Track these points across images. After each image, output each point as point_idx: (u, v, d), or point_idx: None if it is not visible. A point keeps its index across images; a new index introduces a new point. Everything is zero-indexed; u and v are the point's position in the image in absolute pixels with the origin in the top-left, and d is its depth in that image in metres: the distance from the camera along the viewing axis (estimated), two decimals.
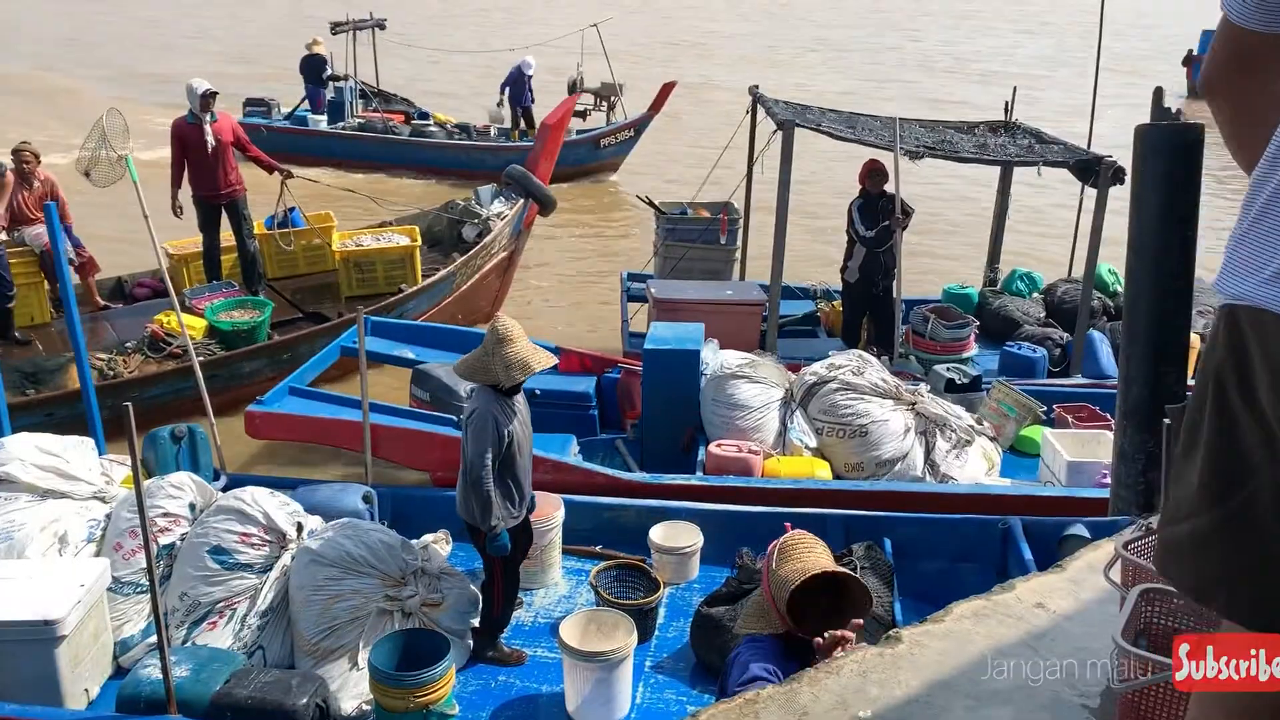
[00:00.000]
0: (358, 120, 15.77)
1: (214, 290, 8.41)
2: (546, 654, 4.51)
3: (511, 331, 4.11)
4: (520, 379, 4.06)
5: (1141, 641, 2.06)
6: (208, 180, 8.34)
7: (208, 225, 8.56)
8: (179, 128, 8.36)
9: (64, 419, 6.25)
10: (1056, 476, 5.86)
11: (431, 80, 22.40)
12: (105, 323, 8.26)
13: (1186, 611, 2.11)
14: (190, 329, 7.31)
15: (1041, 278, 9.01)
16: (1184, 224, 3.76)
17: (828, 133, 7.54)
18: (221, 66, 22.29)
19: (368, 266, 8.89)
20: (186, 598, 4.15)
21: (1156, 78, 7.71)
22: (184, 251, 8.88)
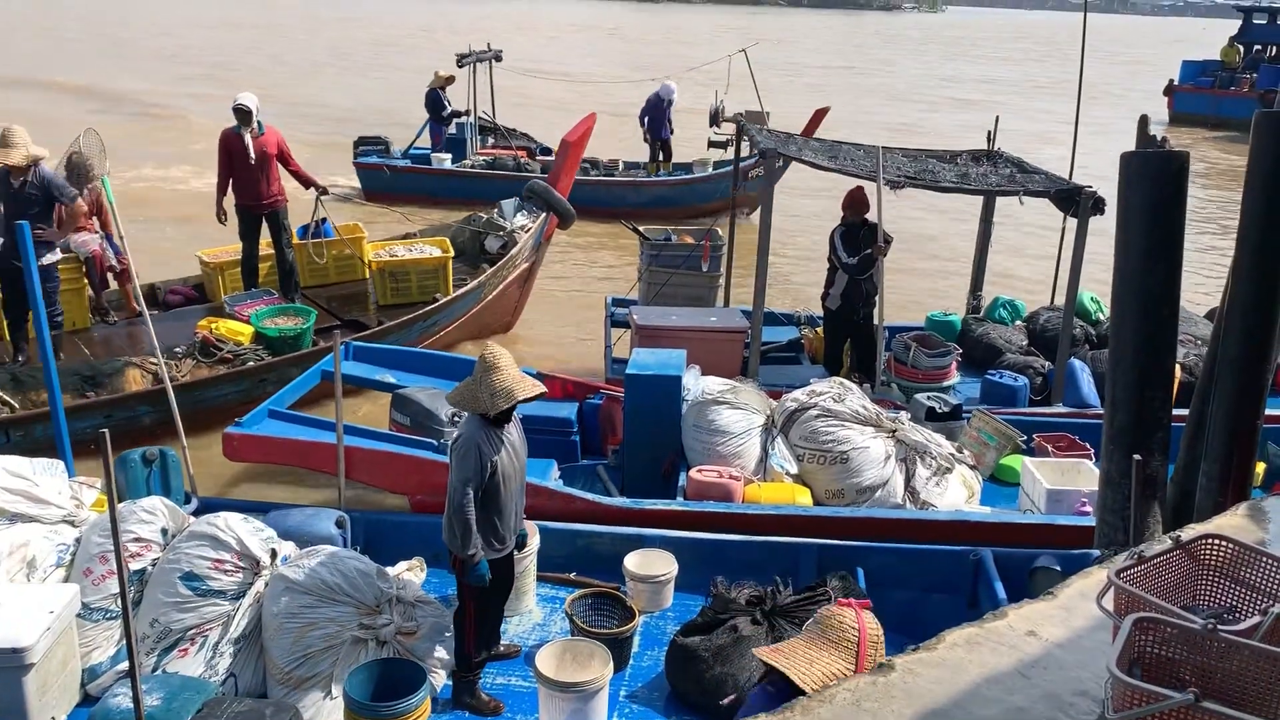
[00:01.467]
0: (483, 158, 15.01)
1: (254, 298, 8.60)
2: (521, 683, 4.43)
3: (499, 360, 4.06)
4: (504, 406, 4.00)
5: (1136, 671, 2.02)
6: (249, 190, 8.62)
7: (248, 234, 8.81)
8: (226, 138, 8.63)
9: (121, 420, 6.43)
10: (1036, 505, 5.87)
11: (538, 113, 21.48)
12: (146, 329, 8.29)
13: (1181, 640, 2.07)
14: (238, 335, 7.71)
15: (1024, 305, 9.05)
16: (1169, 251, 3.77)
17: (809, 162, 7.57)
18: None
19: (402, 276, 9.12)
20: (157, 624, 4.04)
21: (1137, 107, 7.83)
22: (218, 260, 9.10)
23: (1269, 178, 3.55)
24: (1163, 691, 1.82)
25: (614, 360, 7.86)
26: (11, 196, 7.18)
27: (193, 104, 23.14)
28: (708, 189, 15.00)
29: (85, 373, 7.15)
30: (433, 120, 15.45)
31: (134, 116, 21.63)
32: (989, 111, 13.10)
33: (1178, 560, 2.51)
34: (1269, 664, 2.00)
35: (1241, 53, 28.70)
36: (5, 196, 7.24)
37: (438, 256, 9.29)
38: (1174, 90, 27.75)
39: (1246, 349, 3.58)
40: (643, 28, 49.11)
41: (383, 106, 23.45)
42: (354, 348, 7.29)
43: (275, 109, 20.09)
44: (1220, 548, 2.50)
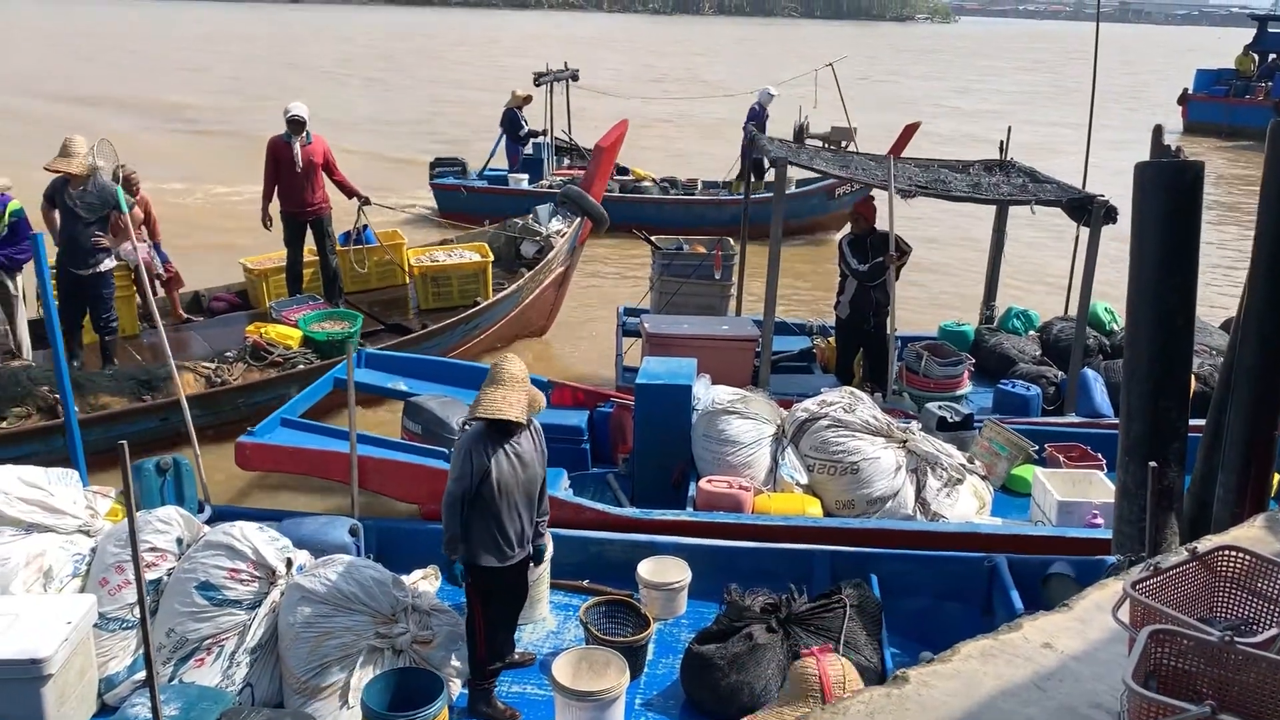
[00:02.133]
0: (560, 178, 14.53)
1: (300, 303, 8.78)
2: (537, 691, 4.43)
3: (500, 375, 4.07)
4: (475, 414, 4.01)
5: (1151, 683, 2.00)
6: (295, 197, 8.77)
7: (293, 240, 8.97)
8: (274, 145, 8.78)
9: (177, 423, 6.52)
10: (1047, 516, 5.83)
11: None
12: (192, 334, 8.71)
13: (1197, 653, 2.06)
14: (287, 339, 7.91)
15: (1038, 315, 9.02)
16: (1184, 261, 3.76)
17: (820, 171, 7.58)
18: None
19: (444, 281, 9.32)
20: (174, 634, 4.05)
21: (1151, 116, 7.81)
22: (262, 267, 9.28)
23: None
24: (1179, 704, 1.81)
25: (625, 369, 7.87)
26: (72, 207, 7.35)
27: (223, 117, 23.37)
28: (792, 206, 14.40)
29: (141, 377, 7.35)
30: (509, 140, 15.17)
31: (181, 131, 21.75)
32: (1000, 121, 13.09)
33: (1194, 572, 2.50)
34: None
35: (1256, 61, 28.58)
36: (65, 206, 7.40)
37: (478, 261, 9.47)
38: (1188, 99, 27.64)
39: (1263, 358, 3.56)
40: (657, 40, 49.21)
41: (417, 118, 23.52)
42: (366, 355, 7.33)
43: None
44: (1237, 559, 2.49)
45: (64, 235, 7.47)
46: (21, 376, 6.99)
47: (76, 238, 7.40)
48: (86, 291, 7.58)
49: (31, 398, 6.87)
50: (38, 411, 6.85)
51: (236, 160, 17.64)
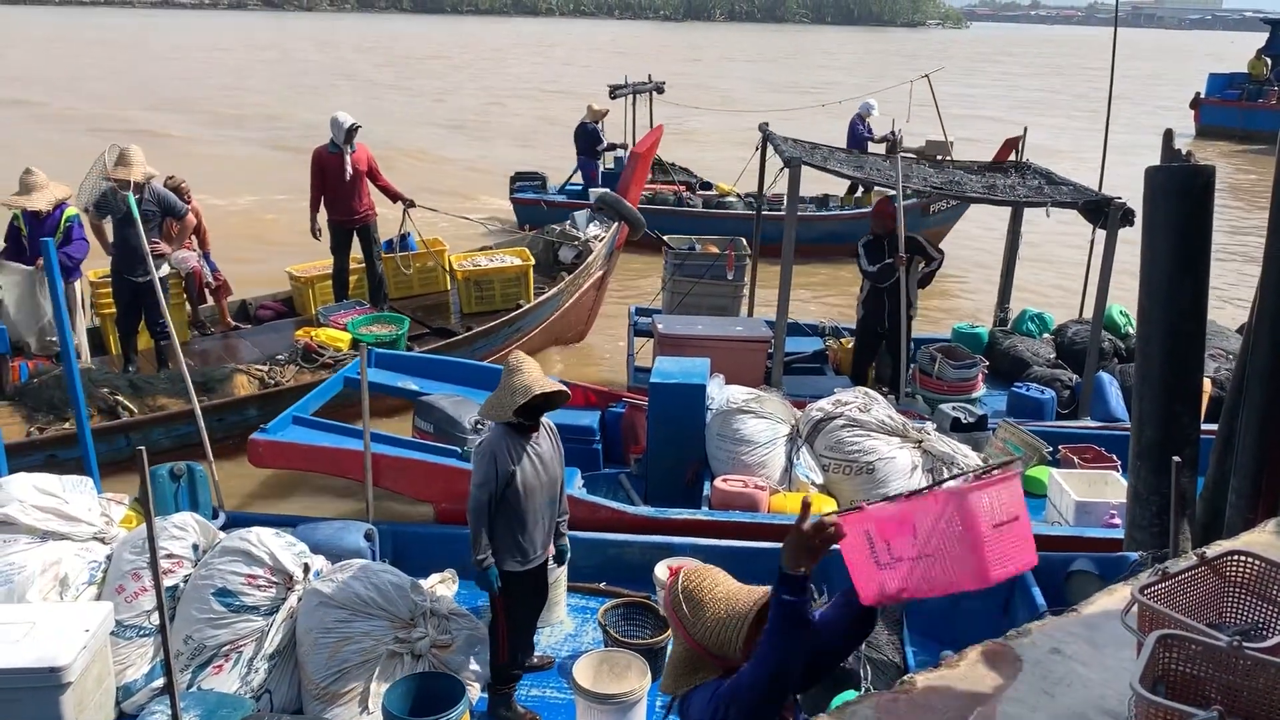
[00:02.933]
0: (645, 193, 13.87)
1: (347, 308, 8.95)
2: (556, 694, 4.46)
3: (522, 364, 4.11)
4: (522, 401, 4.00)
5: (1160, 688, 2.01)
6: (344, 206, 8.92)
7: (339, 248, 9.13)
8: (320, 156, 8.86)
9: (234, 424, 6.79)
10: (1064, 516, 5.82)
11: (699, 150, 20.34)
12: (243, 340, 8.94)
13: (1205, 658, 2.06)
14: (337, 342, 8.13)
15: (1052, 318, 8.99)
16: (1195, 266, 3.75)
17: (834, 171, 7.58)
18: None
19: (486, 285, 9.49)
20: (191, 641, 4.08)
21: (1164, 121, 7.74)
22: (308, 275, 9.46)
23: None
24: (1186, 709, 1.82)
25: (636, 369, 7.90)
26: (128, 215, 7.35)
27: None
28: None
29: (197, 379, 7.31)
30: (583, 155, 14.75)
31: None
32: (1014, 126, 12.97)
33: (1203, 577, 2.50)
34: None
35: (1269, 65, 28.29)
36: (119, 214, 7.46)
37: (519, 265, 9.63)
38: (1200, 103, 27.42)
39: (1275, 362, 3.55)
40: (671, 46, 48.91)
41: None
42: (376, 355, 7.40)
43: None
44: (1247, 565, 2.49)
45: (118, 243, 7.58)
46: (84, 379, 7.01)
47: (131, 245, 7.44)
48: (143, 298, 7.69)
49: (91, 399, 7.00)
50: (98, 413, 7.01)
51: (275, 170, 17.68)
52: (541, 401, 4.11)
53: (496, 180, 16.67)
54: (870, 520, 2.44)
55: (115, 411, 7.02)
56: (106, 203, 7.54)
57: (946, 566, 2.38)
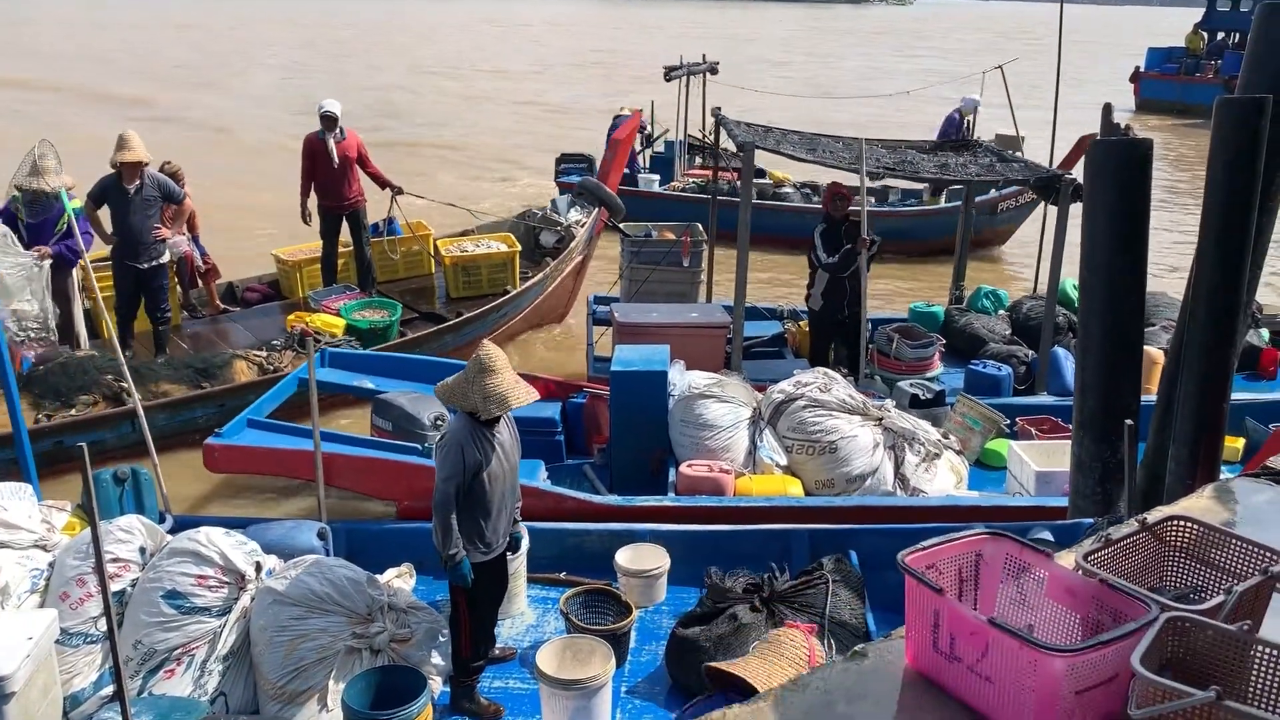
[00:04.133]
0: (692, 180, 13.53)
1: (337, 293, 9.11)
2: (520, 685, 4.46)
3: (496, 362, 4.02)
4: (496, 413, 3.98)
5: (1166, 672, 2.04)
6: (333, 192, 9.04)
7: (329, 233, 9.27)
8: (310, 142, 9.03)
9: (233, 408, 6.77)
10: (1024, 487, 5.90)
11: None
12: (234, 325, 9.06)
13: (1215, 640, 2.09)
14: (331, 327, 8.26)
15: (1007, 295, 9.10)
16: (1135, 238, 3.82)
17: (788, 155, 7.60)
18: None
19: (474, 270, 9.64)
20: (141, 645, 4.00)
21: (1105, 95, 7.81)
22: (295, 258, 9.59)
23: (1230, 163, 3.60)
24: (1185, 689, 1.86)
25: (596, 358, 7.89)
26: (129, 201, 7.57)
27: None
28: (949, 223, 12.14)
29: (198, 365, 7.66)
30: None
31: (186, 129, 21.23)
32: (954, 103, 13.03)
33: (1144, 542, 2.55)
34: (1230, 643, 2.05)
35: (1205, 39, 28.78)
36: (121, 201, 7.58)
37: (506, 251, 9.78)
38: (1140, 77, 27.84)
39: (1212, 333, 3.63)
40: (608, 24, 48.36)
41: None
42: (330, 354, 7.36)
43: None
44: (1186, 529, 2.55)
45: (119, 229, 7.66)
46: (88, 365, 7.27)
47: (134, 231, 7.62)
48: (143, 284, 7.85)
49: (97, 386, 7.17)
50: (103, 399, 7.15)
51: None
52: None
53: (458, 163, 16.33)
54: (945, 606, 2.21)
55: (120, 398, 7.09)
56: (104, 190, 7.60)
57: (1000, 702, 2.13)
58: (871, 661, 2.43)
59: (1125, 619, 2.13)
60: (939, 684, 2.28)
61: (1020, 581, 2.43)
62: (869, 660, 2.45)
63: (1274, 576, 2.32)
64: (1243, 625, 2.08)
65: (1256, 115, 3.59)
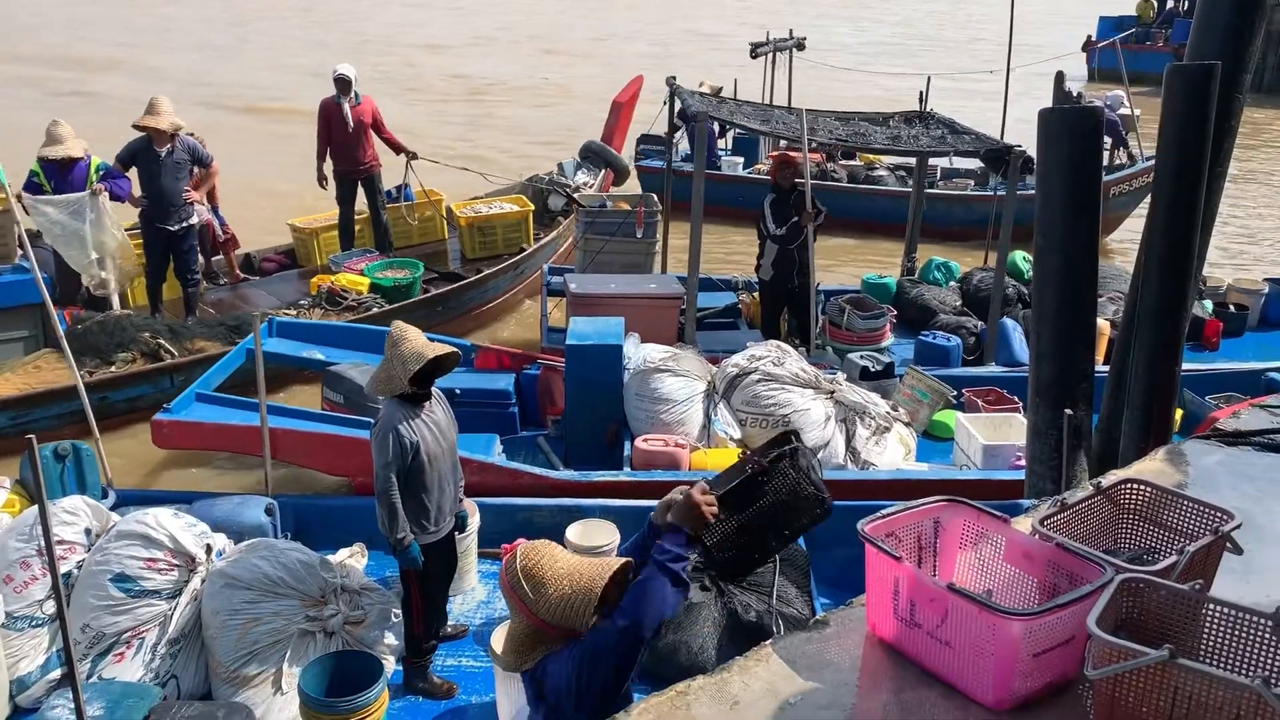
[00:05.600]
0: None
1: (358, 256, 9.25)
2: (472, 663, 4.43)
3: (406, 332, 4.03)
4: (416, 367, 3.91)
5: (1122, 632, 2.06)
6: (348, 156, 9.12)
7: (345, 198, 9.38)
8: (326, 107, 9.10)
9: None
10: (971, 460, 5.98)
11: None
12: (256, 290, 9.21)
13: (1168, 600, 2.11)
14: (357, 285, 8.45)
15: (958, 266, 9.18)
16: (1087, 205, 3.85)
17: (740, 125, 7.57)
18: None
19: (489, 230, 9.87)
20: (89, 629, 3.91)
21: (1058, 65, 7.82)
22: (312, 226, 9.70)
23: (1180, 131, 3.64)
24: (1139, 648, 1.87)
25: (550, 329, 7.82)
26: (160, 164, 7.72)
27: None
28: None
29: (230, 323, 7.85)
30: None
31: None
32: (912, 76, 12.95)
33: (1099, 505, 2.58)
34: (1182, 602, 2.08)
35: (1155, 7, 29.30)
36: (151, 164, 7.72)
37: (520, 211, 9.94)
38: (1092, 46, 28.27)
39: (1163, 299, 3.69)
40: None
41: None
42: (278, 324, 7.20)
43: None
44: (1139, 492, 2.58)
45: (150, 192, 7.79)
46: (126, 324, 7.45)
47: (165, 194, 7.75)
48: (173, 246, 7.98)
49: (135, 343, 7.37)
50: (141, 356, 7.35)
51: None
52: (432, 368, 4.02)
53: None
54: (904, 573, 2.22)
55: (158, 355, 7.34)
56: (134, 154, 7.72)
57: (960, 666, 2.16)
58: (833, 629, 2.44)
59: (1081, 581, 2.16)
60: (899, 650, 2.31)
61: (979, 547, 2.44)
62: (830, 629, 2.46)
63: (1224, 536, 2.36)
64: (1195, 584, 2.11)
65: (1205, 82, 3.63)
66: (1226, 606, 2.03)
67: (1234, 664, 2.03)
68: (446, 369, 4.13)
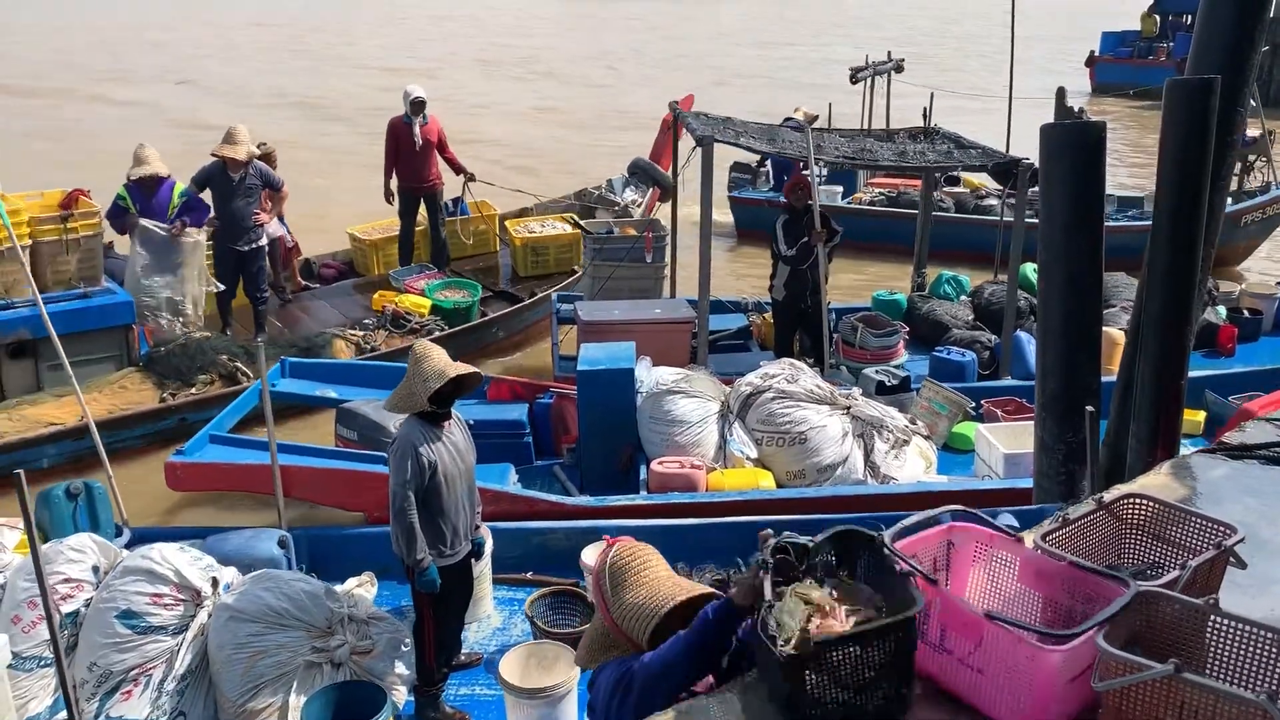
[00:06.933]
0: (878, 191, 12.31)
1: (418, 273, 9.54)
2: (486, 692, 4.40)
3: (429, 350, 4.07)
4: (437, 385, 3.94)
5: (1135, 647, 2.03)
6: (414, 173, 9.52)
7: (407, 213, 9.76)
8: (395, 126, 9.51)
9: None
10: (994, 470, 5.90)
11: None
12: (318, 303, 9.44)
13: (1179, 616, 2.08)
14: (419, 307, 8.71)
15: (969, 280, 9.13)
16: (1090, 219, 3.83)
17: (746, 147, 7.60)
18: None
19: (542, 251, 10.16)
20: (96, 668, 3.90)
21: (1061, 80, 7.81)
22: (371, 237, 10.08)
23: (1181, 143, 3.62)
24: (1144, 662, 1.86)
25: (561, 357, 7.84)
26: (233, 188, 8.07)
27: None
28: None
29: (301, 344, 8.01)
30: (778, 162, 12.19)
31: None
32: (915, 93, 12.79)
33: (1101, 521, 2.56)
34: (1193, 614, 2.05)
35: (1158, 22, 29.12)
36: (225, 188, 8.06)
37: (572, 232, 10.19)
38: (1095, 61, 28.12)
39: (1168, 310, 3.65)
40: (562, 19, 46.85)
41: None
42: (290, 364, 7.26)
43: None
44: (1142, 506, 2.55)
45: (222, 214, 8.12)
46: (205, 346, 7.66)
47: (236, 216, 8.10)
48: (244, 266, 8.34)
49: (214, 365, 7.54)
50: (220, 378, 7.53)
51: None
52: (452, 388, 4.04)
53: None
54: (939, 598, 2.16)
55: (235, 377, 7.50)
56: (209, 177, 8.05)
57: (994, 693, 2.09)
58: None
59: (1102, 601, 2.11)
60: (926, 675, 2.24)
61: (990, 566, 2.41)
62: None
63: (1227, 550, 2.32)
64: (1210, 600, 2.08)
65: (1205, 96, 3.61)
66: (1233, 620, 2.00)
67: (1242, 678, 2.00)
68: (467, 389, 4.17)
